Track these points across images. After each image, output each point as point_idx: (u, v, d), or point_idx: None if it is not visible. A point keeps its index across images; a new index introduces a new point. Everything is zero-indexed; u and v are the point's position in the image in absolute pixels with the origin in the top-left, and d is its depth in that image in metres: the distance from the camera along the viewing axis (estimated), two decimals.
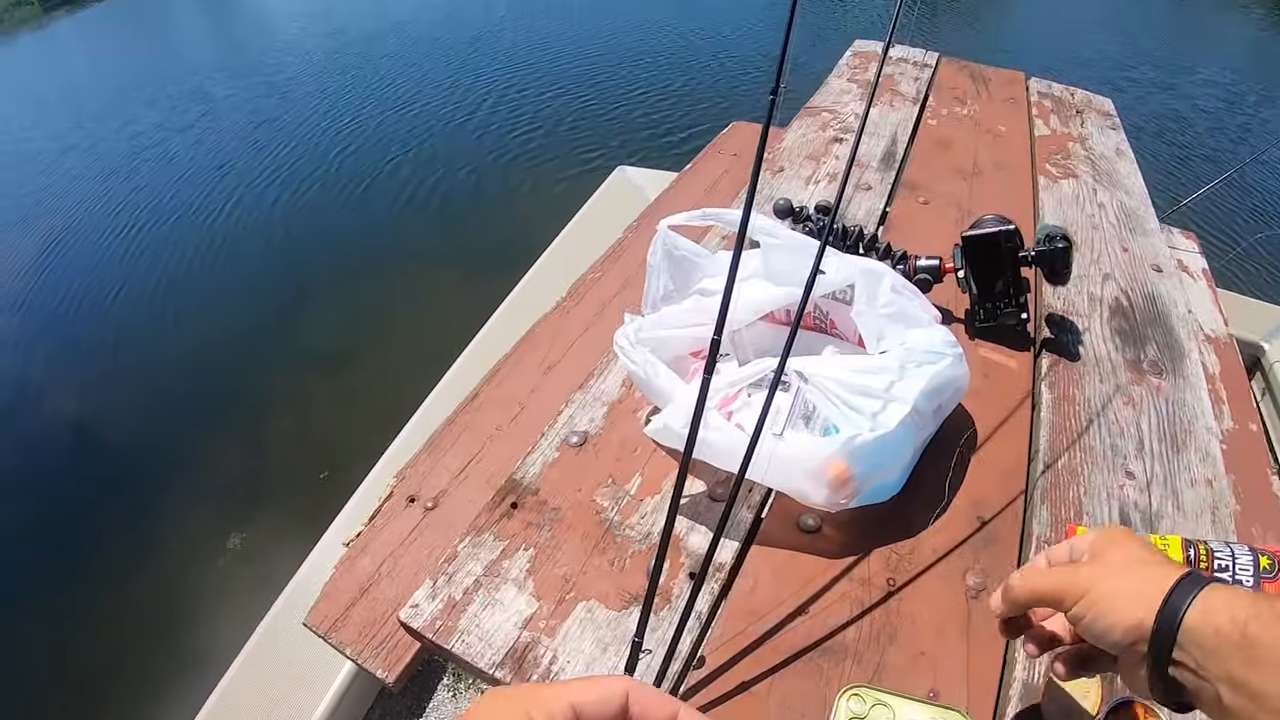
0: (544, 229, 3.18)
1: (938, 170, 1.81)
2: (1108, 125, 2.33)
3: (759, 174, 0.89)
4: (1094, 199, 1.84)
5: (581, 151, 5.82)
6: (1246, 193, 6.41)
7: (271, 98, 7.51)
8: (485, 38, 8.87)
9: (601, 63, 7.64)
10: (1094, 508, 1.10)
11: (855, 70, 2.35)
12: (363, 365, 4.11)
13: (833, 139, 1.89)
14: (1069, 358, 1.34)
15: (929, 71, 2.40)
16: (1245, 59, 12.71)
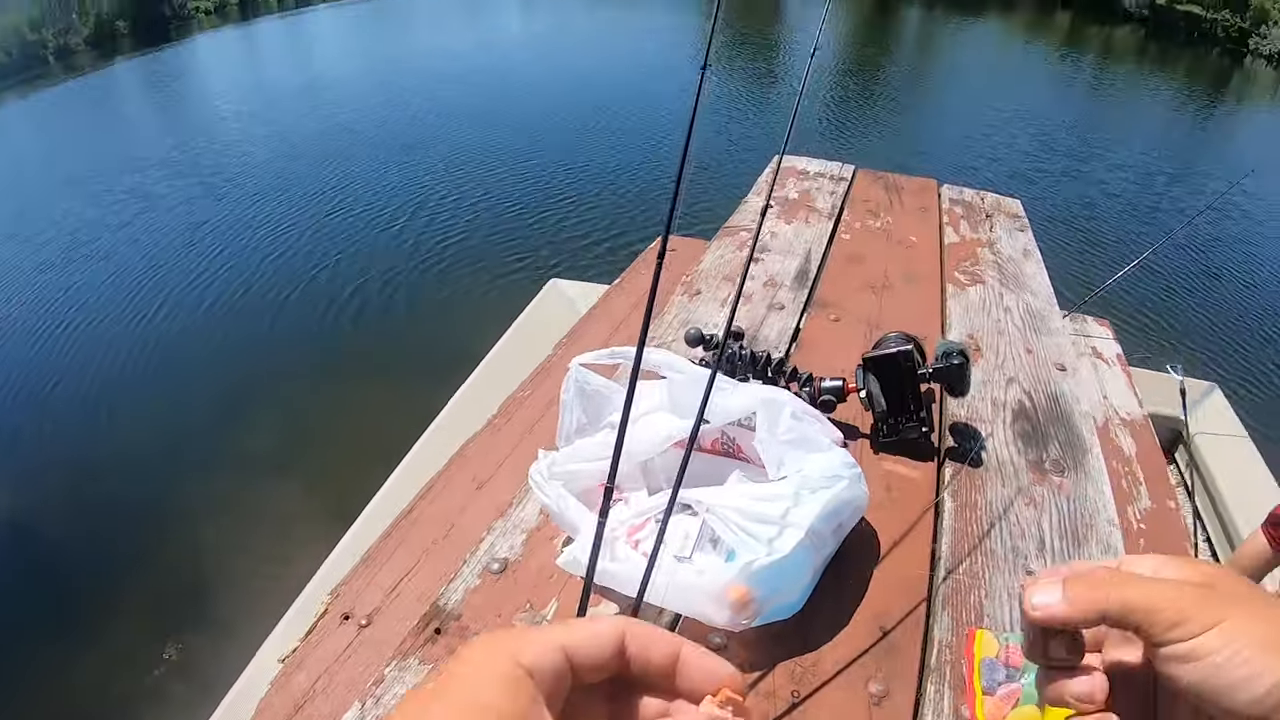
0: (480, 339, 3.26)
1: (849, 286, 1.91)
2: (1016, 227, 2.47)
3: (649, 320, 0.96)
4: (1000, 303, 1.95)
5: (516, 261, 5.98)
6: (1160, 273, 6.70)
7: (208, 199, 7.66)
8: (421, 145, 9.13)
9: (536, 171, 7.90)
10: (994, 610, 1.14)
11: (775, 188, 2.47)
12: (301, 472, 4.12)
13: (749, 259, 1.98)
14: (972, 465, 1.42)
15: (844, 185, 2.54)
16: (1154, 140, 13.35)
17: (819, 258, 2.03)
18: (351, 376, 4.81)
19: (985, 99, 13.47)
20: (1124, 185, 9.69)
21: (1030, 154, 10.31)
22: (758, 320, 1.74)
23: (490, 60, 14.26)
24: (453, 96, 11.48)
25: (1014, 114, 12.38)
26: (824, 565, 1.14)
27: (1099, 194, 9.08)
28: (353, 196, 7.55)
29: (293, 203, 7.47)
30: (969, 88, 15.27)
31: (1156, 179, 10.51)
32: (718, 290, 1.86)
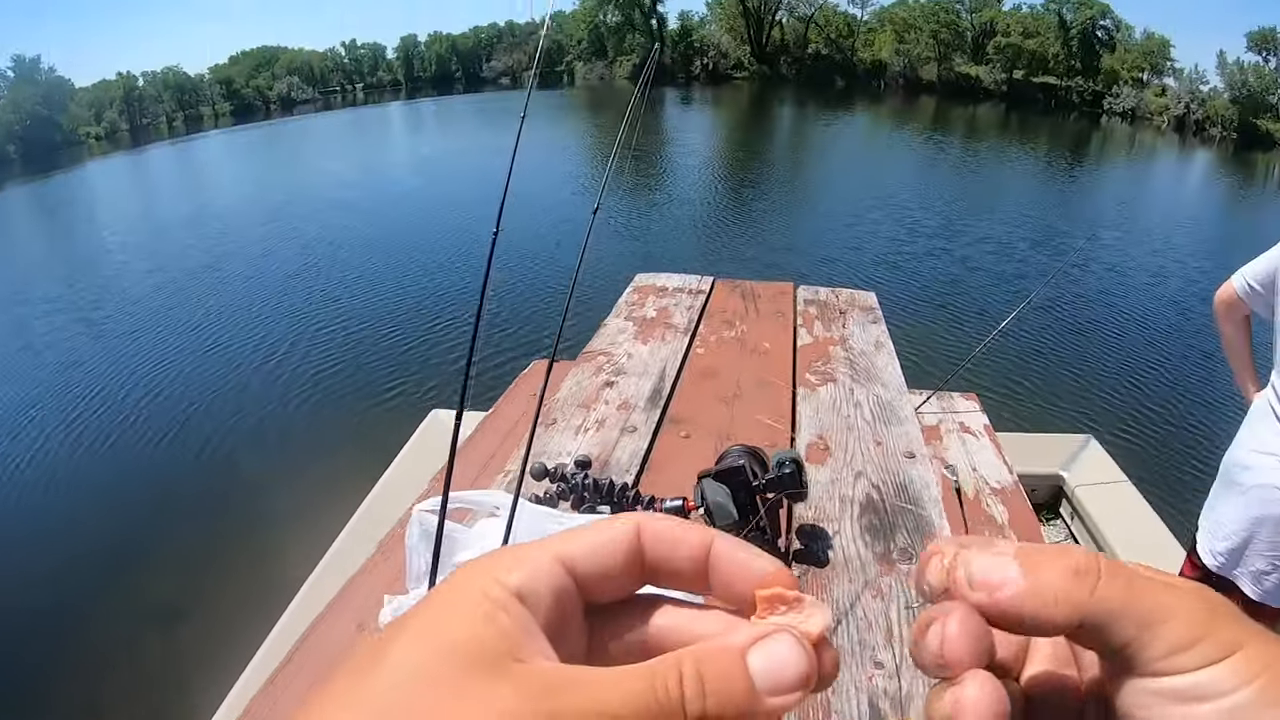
0: (366, 473, 3.27)
1: (701, 401, 1.98)
2: (869, 320, 2.60)
3: (451, 473, 1.00)
4: (851, 399, 2.04)
5: (400, 392, 5.98)
6: (1027, 336, 7.09)
7: (87, 336, 7.66)
8: (303, 273, 9.26)
9: (417, 298, 7.97)
10: (841, 705, 1.16)
11: (633, 307, 2.57)
12: (188, 622, 3.99)
13: (604, 384, 2.05)
14: (818, 565, 1.47)
15: (703, 298, 2.65)
16: (1018, 209, 14.24)
17: (673, 375, 2.10)
18: (238, 517, 4.73)
19: (854, 191, 14.23)
20: (985, 257, 10.29)
21: (895, 240, 10.88)
22: (610, 444, 1.79)
23: (378, 186, 14.55)
24: (338, 223, 11.66)
25: (881, 202, 13.11)
26: None
27: (962, 270, 9.61)
28: (234, 329, 7.59)
29: (173, 338, 7.51)
30: (839, 181, 16.10)
31: (1019, 246, 11.19)
32: (573, 418, 1.90)
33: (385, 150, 21.96)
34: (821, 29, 57.70)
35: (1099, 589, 0.29)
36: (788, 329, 2.45)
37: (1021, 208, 14.47)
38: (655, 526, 0.32)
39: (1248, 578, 2.20)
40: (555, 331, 2.36)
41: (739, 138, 25.17)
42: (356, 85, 62.23)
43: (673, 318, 2.48)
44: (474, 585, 0.29)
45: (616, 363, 2.19)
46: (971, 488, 2.57)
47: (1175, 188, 24.36)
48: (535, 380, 2.68)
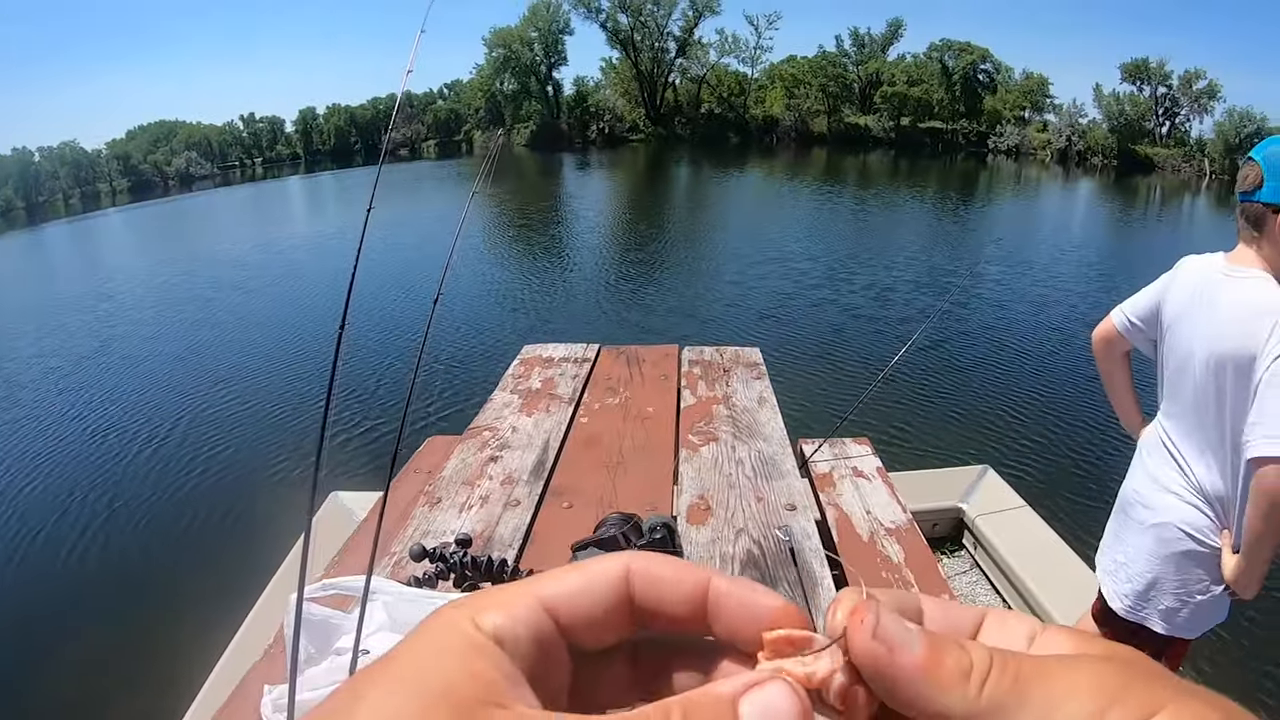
0: (269, 558, 3.18)
1: (584, 469, 1.99)
2: (753, 375, 2.65)
3: (305, 561, 0.98)
4: (733, 457, 2.07)
5: (300, 473, 5.82)
6: (918, 377, 7.32)
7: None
8: (194, 354, 9.06)
9: (308, 378, 7.80)
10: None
11: (519, 380, 2.57)
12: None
13: (489, 459, 2.04)
14: None
15: (588, 366, 2.67)
16: (908, 251, 14.78)
17: (557, 446, 2.11)
18: (136, 607, 4.50)
19: (747, 247, 14.60)
20: (874, 303, 10.66)
21: (785, 292, 11.18)
22: (494, 520, 1.77)
23: (273, 264, 14.33)
24: (232, 302, 11.45)
25: (772, 257, 13.47)
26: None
27: (851, 316, 9.93)
28: (124, 415, 7.38)
29: (58, 426, 7.18)
30: (731, 239, 16.48)
31: (907, 289, 11.62)
32: (457, 496, 1.89)
33: (282, 225, 21.68)
34: (714, 88, 59.48)
35: (987, 688, 0.27)
36: (671, 391, 2.48)
37: (910, 251, 15.02)
38: (646, 567, 0.30)
39: (1157, 615, 2.17)
40: (461, 404, 2.31)
41: (634, 201, 25.64)
42: (256, 160, 61.61)
43: (557, 388, 2.49)
44: (452, 628, 0.27)
45: (501, 437, 2.18)
46: (866, 530, 2.61)
47: (1060, 217, 25.56)
48: (429, 458, 2.65)
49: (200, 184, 47.06)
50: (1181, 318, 2.04)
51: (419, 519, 1.81)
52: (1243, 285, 1.88)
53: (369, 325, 9.18)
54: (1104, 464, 5.67)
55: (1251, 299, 1.85)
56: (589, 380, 2.57)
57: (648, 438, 2.15)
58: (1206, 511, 2.00)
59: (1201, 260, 2.06)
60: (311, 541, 3.22)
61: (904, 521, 2.71)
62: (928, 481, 3.95)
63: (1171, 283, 2.11)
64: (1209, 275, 1.98)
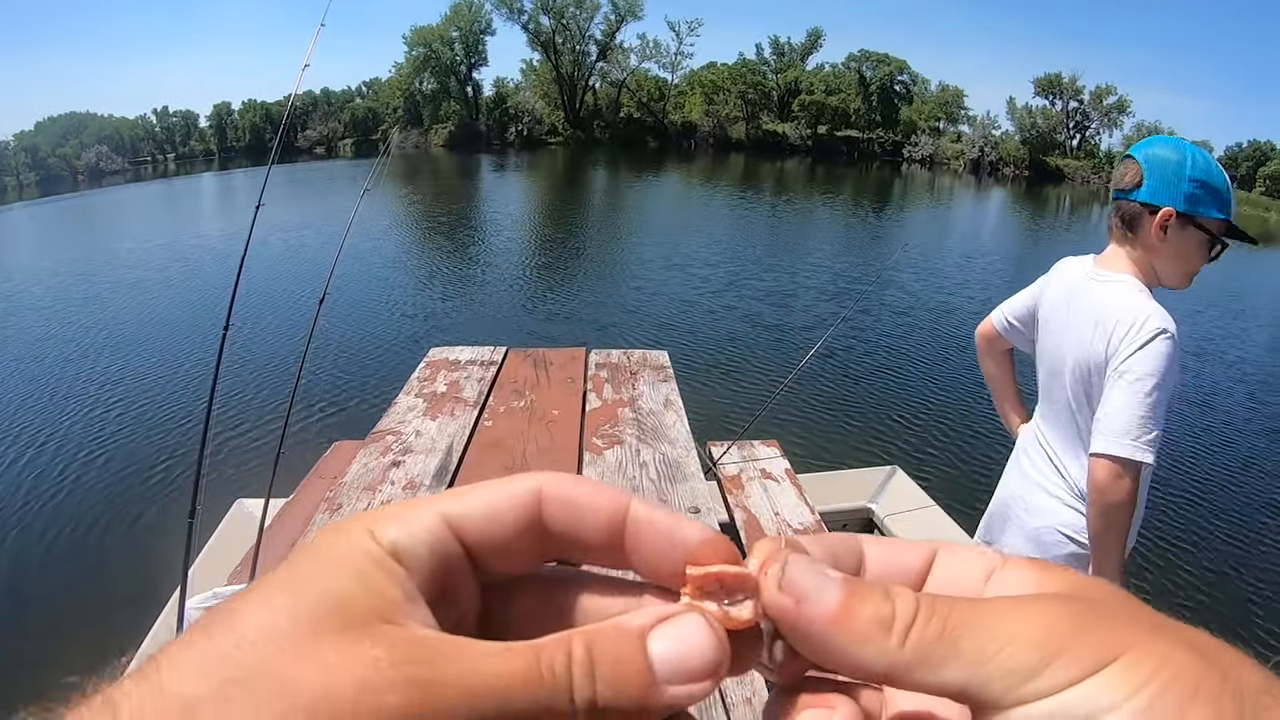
0: (168, 570, 3.05)
1: (486, 473, 1.92)
2: (660, 379, 2.63)
3: (186, 580, 0.93)
4: (637, 460, 2.04)
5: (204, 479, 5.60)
6: (828, 380, 7.46)
7: None
8: (90, 355, 8.70)
9: (200, 381, 7.52)
10: None
11: (424, 383, 2.51)
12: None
13: (392, 463, 1.98)
14: None
15: (494, 369, 2.62)
16: (823, 256, 15.11)
17: (461, 450, 2.06)
18: (26, 625, 4.27)
19: (661, 252, 14.70)
20: (786, 307, 10.88)
21: (698, 296, 11.31)
22: None
23: (176, 264, 13.86)
24: (129, 303, 11.03)
25: (686, 261, 13.63)
26: None
27: (763, 321, 10.10)
28: (12, 419, 6.91)
29: None
30: (646, 243, 16.57)
31: (820, 293, 11.84)
32: (358, 502, 1.82)
33: (190, 223, 20.98)
34: (633, 93, 59.81)
35: (911, 639, 0.25)
36: (577, 394, 2.45)
37: (822, 257, 15.34)
38: (560, 487, 0.28)
39: None
40: (369, 409, 2.24)
41: (550, 204, 25.57)
42: (169, 155, 59.80)
43: (463, 391, 2.44)
44: (346, 540, 0.25)
45: (404, 441, 2.12)
46: (774, 531, 2.62)
47: (971, 225, 26.40)
48: (335, 463, 2.58)
49: (111, 179, 45.31)
50: (1052, 320, 2.09)
51: (319, 526, 1.74)
52: (1106, 289, 1.92)
53: (259, 327, 8.90)
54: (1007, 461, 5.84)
55: (1113, 303, 1.87)
56: (495, 383, 2.52)
57: (552, 441, 2.12)
58: (1084, 512, 2.00)
59: (1075, 262, 2.10)
60: (214, 550, 3.12)
61: (812, 522, 2.73)
62: (837, 483, 4.01)
63: (1047, 284, 2.16)
64: (1078, 278, 2.03)
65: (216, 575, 2.63)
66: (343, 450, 2.60)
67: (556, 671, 0.23)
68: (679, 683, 0.24)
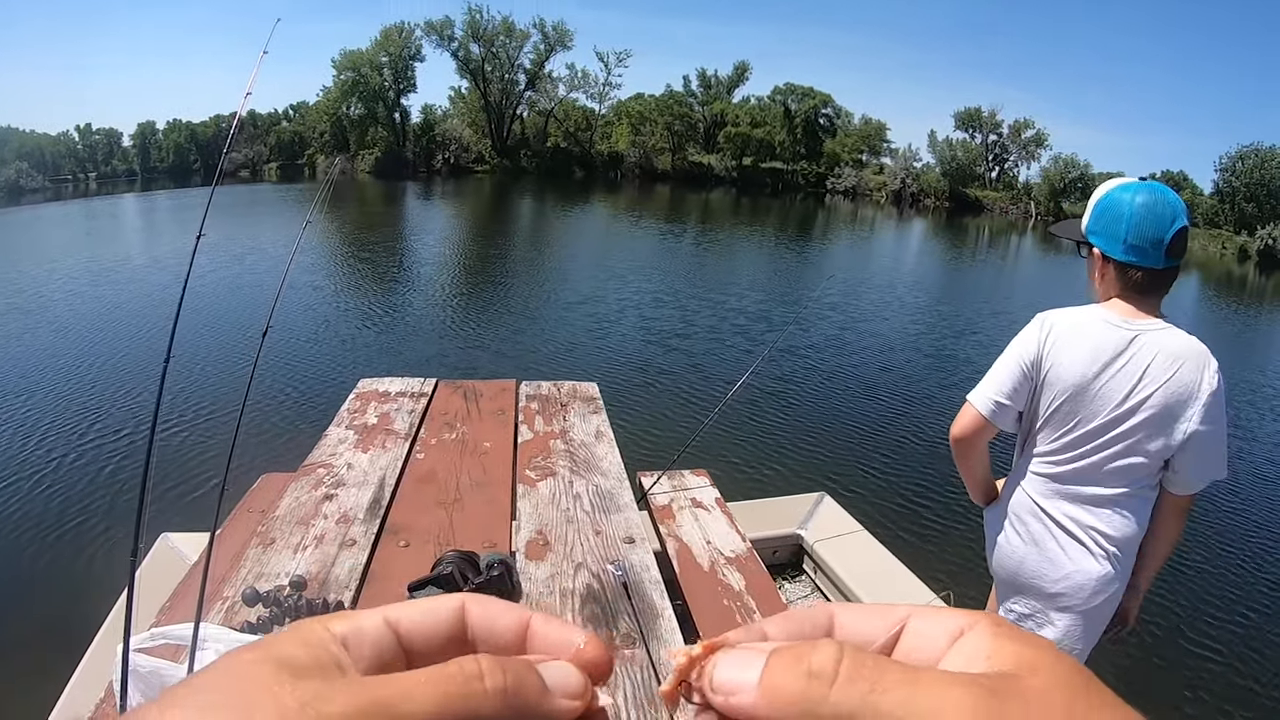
0: (94, 609, 2.94)
1: (420, 506, 1.94)
2: (590, 410, 2.66)
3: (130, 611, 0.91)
4: (570, 491, 2.06)
5: (119, 515, 5.39)
6: (755, 410, 7.57)
7: None
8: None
9: (127, 415, 7.26)
10: None
11: (355, 414, 2.49)
12: None
13: (324, 497, 1.96)
14: None
15: (425, 401, 2.61)
16: (741, 290, 15.30)
17: (394, 482, 2.05)
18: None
19: (587, 283, 14.77)
20: (711, 339, 10.98)
21: (625, 328, 11.37)
22: (329, 561, 1.70)
23: (96, 291, 13.33)
24: (48, 333, 10.53)
25: (612, 292, 13.68)
26: None
27: (690, 352, 10.18)
28: None
29: None
30: (572, 274, 16.62)
31: (744, 324, 12.00)
32: (291, 536, 1.80)
33: (110, 246, 20.25)
34: (561, 123, 60.08)
35: (833, 693, 0.25)
36: (509, 426, 2.46)
37: (748, 288, 15.56)
38: (479, 607, 0.33)
39: None
40: (295, 440, 2.22)
41: (477, 233, 25.47)
42: (90, 174, 57.89)
43: (394, 423, 2.43)
44: (302, 628, 0.29)
45: (336, 474, 2.10)
46: (707, 560, 2.66)
47: (894, 254, 27.09)
48: (264, 496, 2.53)
49: (30, 197, 43.53)
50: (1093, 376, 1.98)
51: (252, 560, 1.72)
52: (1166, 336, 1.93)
53: (196, 358, 8.61)
54: (933, 485, 6.01)
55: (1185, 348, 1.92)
56: (426, 415, 2.51)
57: (485, 474, 2.12)
58: (1116, 561, 2.01)
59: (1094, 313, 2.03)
60: (141, 587, 3.00)
61: (743, 550, 2.78)
62: (766, 510, 4.06)
63: (1056, 343, 2.03)
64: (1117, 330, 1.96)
65: (143, 613, 2.55)
66: (271, 482, 2.55)
67: (469, 667, 0.28)
68: (562, 694, 0.30)
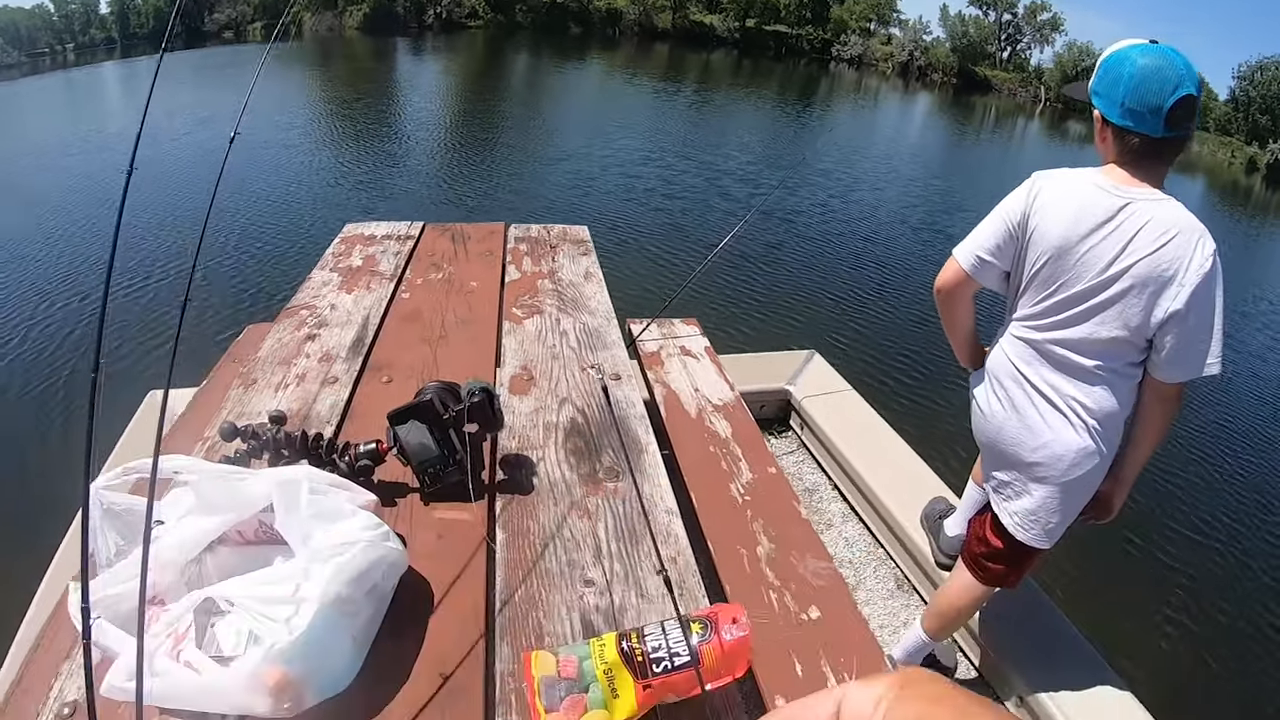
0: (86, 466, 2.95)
1: (404, 344, 1.91)
2: (580, 252, 2.61)
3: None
4: (557, 329, 2.04)
5: (108, 377, 5.36)
6: (748, 266, 7.48)
7: None
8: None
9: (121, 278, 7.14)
10: (554, 627, 1.17)
11: (339, 258, 2.44)
12: None
13: (306, 337, 1.93)
14: (523, 492, 1.46)
15: (411, 243, 2.56)
16: (738, 149, 14.97)
17: (377, 322, 2.02)
18: None
19: (581, 136, 14.43)
20: (708, 192, 10.77)
21: (621, 179, 11.14)
22: (310, 398, 1.69)
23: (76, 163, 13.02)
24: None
25: (606, 145, 13.36)
26: (371, 628, 1.13)
27: (684, 205, 10.02)
28: None
29: None
30: (567, 128, 16.24)
31: (741, 181, 11.77)
32: (273, 376, 1.78)
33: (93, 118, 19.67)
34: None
35: None
36: (496, 267, 2.42)
37: (745, 145, 15.26)
38: None
39: (1043, 533, 2.08)
40: (283, 291, 2.18)
41: (471, 87, 24.74)
42: (67, 45, 55.83)
43: (379, 265, 2.38)
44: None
45: (319, 315, 2.07)
46: (694, 407, 2.66)
47: (897, 124, 26.46)
48: (248, 346, 2.51)
49: (6, 73, 42.06)
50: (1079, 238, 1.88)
51: (233, 401, 1.70)
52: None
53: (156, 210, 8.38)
54: (924, 351, 6.02)
55: None
56: (412, 257, 2.47)
57: (470, 311, 2.09)
58: (1097, 435, 1.94)
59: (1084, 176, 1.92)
60: (131, 443, 3.00)
61: (731, 398, 2.78)
62: (755, 364, 4.06)
63: (1043, 204, 1.93)
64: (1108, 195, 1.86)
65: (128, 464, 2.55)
66: (256, 332, 2.52)
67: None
68: None
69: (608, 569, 1.30)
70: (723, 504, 2.23)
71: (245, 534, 1.27)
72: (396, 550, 1.16)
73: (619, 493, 1.48)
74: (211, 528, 1.17)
